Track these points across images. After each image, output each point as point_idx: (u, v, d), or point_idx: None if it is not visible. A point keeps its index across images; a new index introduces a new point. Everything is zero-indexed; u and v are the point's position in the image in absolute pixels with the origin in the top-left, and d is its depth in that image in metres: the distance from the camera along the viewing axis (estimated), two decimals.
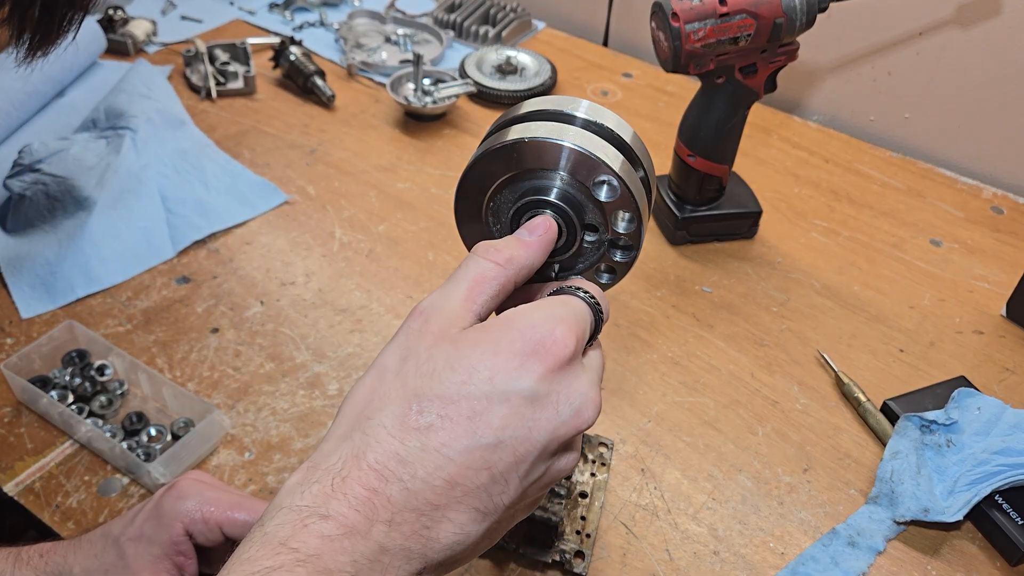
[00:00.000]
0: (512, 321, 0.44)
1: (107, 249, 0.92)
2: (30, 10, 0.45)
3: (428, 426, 0.41)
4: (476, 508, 0.41)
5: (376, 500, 0.39)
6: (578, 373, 0.44)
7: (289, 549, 0.38)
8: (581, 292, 0.48)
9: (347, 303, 0.90)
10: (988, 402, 0.76)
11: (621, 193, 0.49)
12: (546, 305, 0.45)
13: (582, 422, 0.43)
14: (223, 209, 0.99)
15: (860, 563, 0.69)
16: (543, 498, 0.49)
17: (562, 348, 0.43)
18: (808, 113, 1.28)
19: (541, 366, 0.42)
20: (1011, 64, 1.08)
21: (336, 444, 0.42)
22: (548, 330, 0.43)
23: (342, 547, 0.38)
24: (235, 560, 0.38)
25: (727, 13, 0.82)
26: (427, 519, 0.40)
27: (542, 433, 0.42)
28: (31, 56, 0.49)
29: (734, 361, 0.86)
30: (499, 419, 0.41)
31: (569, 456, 0.45)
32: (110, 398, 0.77)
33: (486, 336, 0.43)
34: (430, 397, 0.41)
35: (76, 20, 0.48)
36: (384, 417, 0.41)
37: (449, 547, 0.41)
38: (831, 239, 1.02)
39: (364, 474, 0.40)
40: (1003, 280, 0.97)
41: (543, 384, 0.42)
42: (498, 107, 1.21)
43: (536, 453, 0.42)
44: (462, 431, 0.41)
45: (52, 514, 0.69)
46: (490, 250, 0.47)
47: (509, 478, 0.42)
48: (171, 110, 1.09)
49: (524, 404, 0.42)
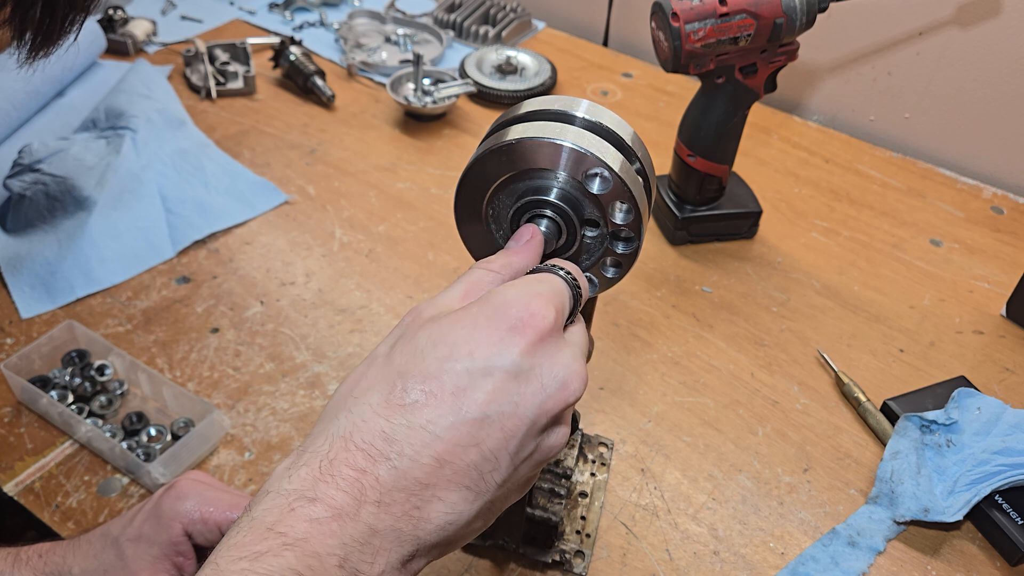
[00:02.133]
0: (490, 298, 0.44)
1: (107, 249, 0.92)
2: (31, 11, 0.45)
3: (413, 403, 0.41)
4: (467, 487, 0.41)
5: (364, 480, 0.39)
6: (560, 346, 0.44)
7: (276, 533, 0.37)
8: (558, 269, 0.48)
9: (347, 303, 0.90)
10: (988, 402, 0.76)
11: (615, 184, 0.49)
12: (523, 282, 0.46)
13: (569, 394, 0.44)
14: (223, 209, 0.99)
15: (860, 563, 0.69)
16: (536, 477, 0.49)
17: (540, 321, 0.43)
18: (808, 113, 1.28)
19: (522, 340, 0.42)
20: (1011, 64, 1.08)
21: (323, 427, 0.42)
22: (525, 304, 0.43)
23: (330, 530, 0.38)
24: (223, 546, 0.38)
25: (727, 13, 0.82)
26: (417, 499, 0.40)
27: (529, 407, 0.42)
28: (33, 57, 0.49)
29: (734, 361, 0.86)
30: (483, 394, 0.41)
31: (559, 431, 0.45)
32: (110, 398, 0.77)
33: (466, 313, 0.43)
34: (414, 374, 0.41)
35: (78, 21, 0.48)
36: (370, 396, 0.41)
37: (441, 527, 0.41)
38: (831, 239, 1.02)
39: (351, 455, 0.40)
40: (1003, 280, 0.97)
41: (525, 358, 0.42)
42: (498, 107, 1.21)
43: (525, 428, 0.42)
44: (447, 407, 0.41)
45: (52, 514, 0.69)
46: (485, 262, 0.48)
47: (499, 455, 0.42)
48: (171, 110, 1.09)
49: (508, 379, 0.42)
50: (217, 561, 0.38)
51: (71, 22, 0.48)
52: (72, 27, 0.48)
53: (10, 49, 0.48)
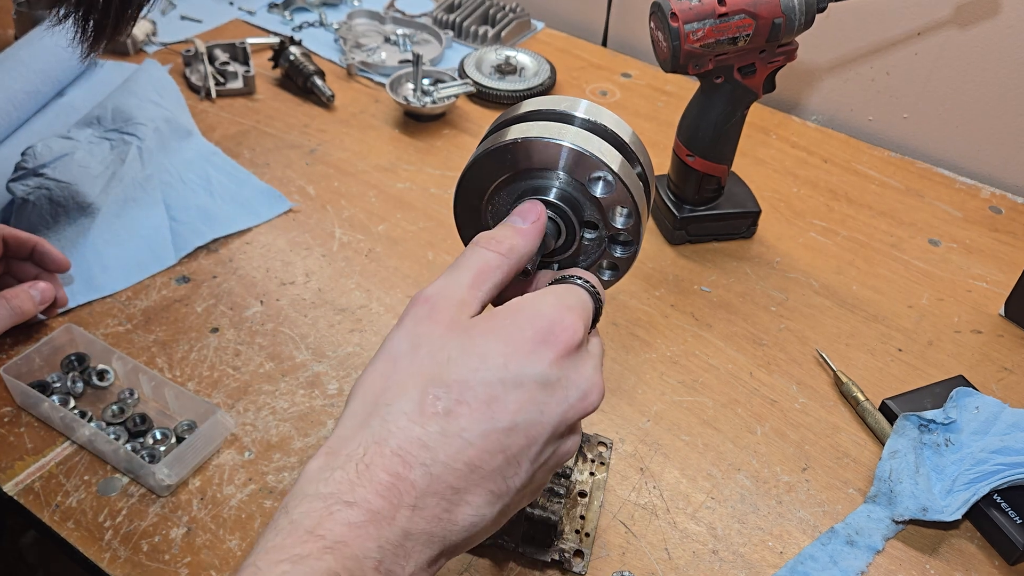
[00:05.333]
0: (522, 309, 0.45)
1: (109, 257, 0.92)
2: (94, 7, 0.47)
3: (447, 411, 0.42)
4: (491, 491, 0.42)
5: (400, 485, 0.40)
6: (585, 359, 0.46)
7: (316, 536, 0.38)
8: (582, 281, 0.49)
9: (347, 303, 0.90)
10: (986, 401, 0.76)
11: (617, 188, 0.50)
12: (552, 294, 0.47)
13: (588, 405, 0.45)
14: (227, 216, 0.98)
15: (859, 562, 0.69)
16: (547, 483, 0.51)
17: (571, 335, 0.44)
18: (807, 113, 1.29)
19: (552, 352, 0.44)
20: (1009, 64, 1.08)
21: (355, 431, 0.42)
22: (558, 318, 0.45)
23: (368, 533, 0.39)
24: (261, 548, 0.39)
25: (726, 13, 0.82)
26: (448, 503, 0.41)
27: (552, 416, 0.44)
28: (94, 50, 0.51)
29: (733, 360, 0.86)
30: (514, 403, 0.42)
31: (573, 439, 0.47)
32: (121, 407, 0.77)
33: (497, 324, 0.44)
34: (447, 383, 0.42)
35: (137, 15, 0.50)
36: (403, 403, 0.42)
37: (466, 529, 0.42)
38: (829, 239, 1.02)
39: (387, 460, 0.40)
40: (1001, 280, 0.97)
41: (554, 370, 0.44)
42: (497, 107, 1.21)
43: (546, 436, 0.44)
44: (480, 416, 0.42)
45: (52, 514, 0.70)
46: (491, 241, 0.48)
47: (521, 460, 0.43)
48: (179, 119, 1.08)
49: (537, 389, 0.43)
50: (257, 563, 0.38)
51: (130, 16, 0.50)
52: (132, 20, 0.50)
53: (73, 42, 0.49)
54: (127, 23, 0.50)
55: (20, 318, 0.79)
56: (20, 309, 0.78)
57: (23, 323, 0.81)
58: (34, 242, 0.82)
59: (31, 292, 0.80)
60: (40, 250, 0.83)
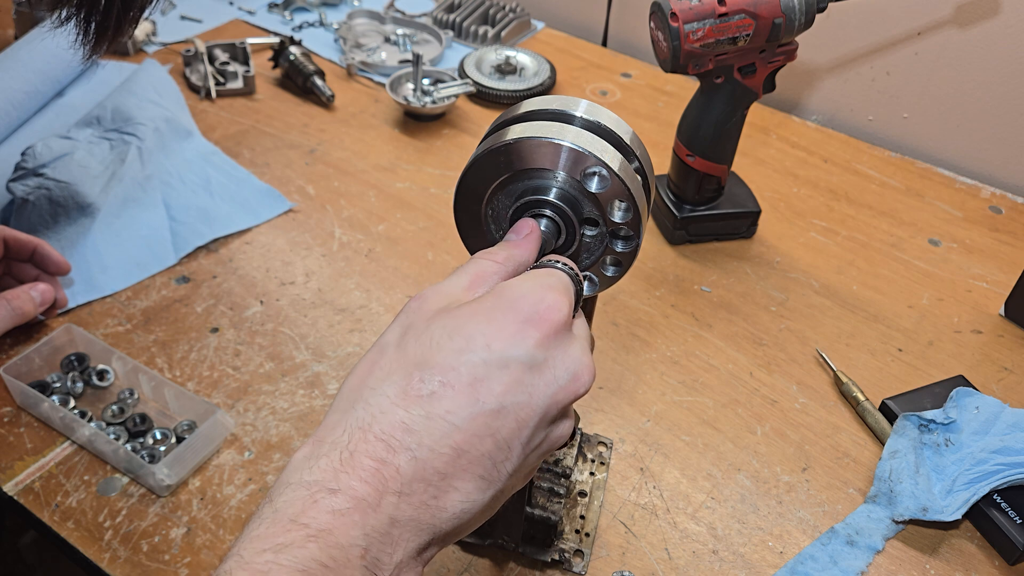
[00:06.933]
0: (504, 291, 0.45)
1: (109, 257, 0.92)
2: (96, 6, 0.47)
3: (431, 394, 0.41)
4: (481, 476, 0.42)
5: (385, 471, 0.39)
6: (571, 339, 0.45)
7: (299, 525, 0.38)
8: (560, 264, 0.49)
9: (346, 303, 0.90)
10: (986, 401, 0.76)
11: (613, 182, 0.50)
12: (533, 276, 0.46)
13: (579, 386, 0.45)
14: (227, 216, 0.98)
15: (859, 562, 0.69)
16: (538, 468, 0.50)
17: (555, 314, 0.44)
18: (807, 113, 1.29)
19: (537, 332, 0.43)
20: (1009, 64, 1.08)
21: (340, 417, 0.42)
22: (540, 296, 0.44)
23: (352, 521, 0.38)
24: (245, 538, 0.38)
25: (726, 13, 0.82)
26: (435, 489, 0.40)
27: (542, 398, 0.43)
28: (96, 52, 0.51)
29: (733, 360, 0.86)
30: (500, 385, 0.42)
31: (566, 423, 0.46)
32: (121, 407, 0.77)
33: (481, 306, 0.44)
34: (430, 365, 0.42)
35: (138, 17, 0.50)
36: (387, 387, 0.42)
37: (456, 516, 0.41)
38: (830, 239, 1.02)
39: (371, 446, 0.40)
40: (1001, 280, 0.97)
41: (540, 350, 0.43)
42: (497, 107, 1.21)
43: (537, 419, 0.43)
44: (465, 398, 0.41)
45: (52, 514, 0.70)
46: (489, 252, 0.49)
47: (512, 444, 0.42)
48: (179, 119, 1.08)
49: (523, 370, 0.42)
50: (240, 552, 0.38)
51: (132, 18, 0.50)
52: (134, 23, 0.50)
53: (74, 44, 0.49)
54: (129, 25, 0.50)
55: (20, 319, 0.79)
56: (20, 310, 0.78)
57: (23, 323, 0.81)
58: (35, 244, 0.83)
59: (31, 293, 0.80)
60: (41, 252, 0.83)
